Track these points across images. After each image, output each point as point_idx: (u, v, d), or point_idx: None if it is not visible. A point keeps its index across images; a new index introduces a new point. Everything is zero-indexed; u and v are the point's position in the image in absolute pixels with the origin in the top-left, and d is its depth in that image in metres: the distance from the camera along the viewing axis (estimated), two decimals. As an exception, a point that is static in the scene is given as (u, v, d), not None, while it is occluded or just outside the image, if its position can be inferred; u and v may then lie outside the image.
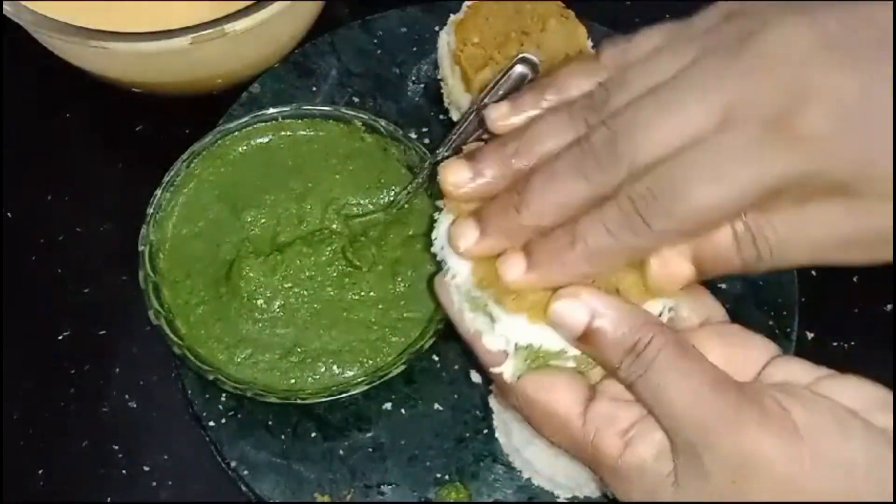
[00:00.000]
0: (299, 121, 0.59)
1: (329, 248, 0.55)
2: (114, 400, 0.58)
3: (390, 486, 0.54)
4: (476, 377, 0.56)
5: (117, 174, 0.66)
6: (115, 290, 0.60)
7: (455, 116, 0.63)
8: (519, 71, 0.51)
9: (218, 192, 0.58)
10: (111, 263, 0.61)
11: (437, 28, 0.66)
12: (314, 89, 0.65)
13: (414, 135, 0.62)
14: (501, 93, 0.52)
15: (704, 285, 0.43)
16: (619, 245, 0.38)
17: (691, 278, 0.39)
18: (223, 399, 0.55)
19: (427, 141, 0.63)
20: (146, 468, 0.56)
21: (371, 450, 0.55)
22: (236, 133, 0.59)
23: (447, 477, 0.54)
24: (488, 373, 0.42)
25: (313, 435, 0.55)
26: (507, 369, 0.41)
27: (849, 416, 0.36)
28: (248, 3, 0.57)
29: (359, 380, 0.53)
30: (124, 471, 0.56)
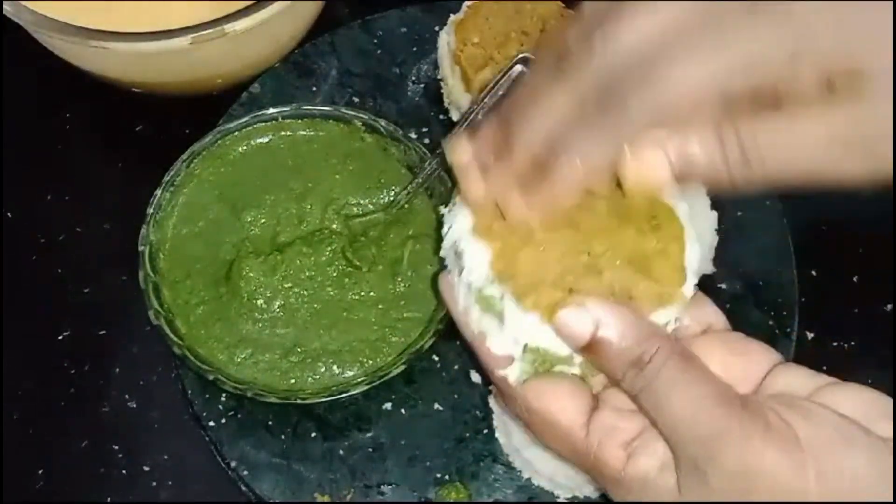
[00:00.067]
0: (299, 121, 0.59)
1: (329, 248, 0.55)
2: (114, 400, 0.58)
3: (390, 486, 0.54)
4: (476, 377, 0.56)
5: (117, 174, 0.66)
6: (115, 290, 0.60)
7: (455, 116, 0.63)
8: (519, 71, 0.51)
9: (218, 192, 0.58)
10: (111, 263, 0.61)
11: (437, 28, 0.66)
12: (314, 89, 0.65)
13: (414, 135, 0.62)
14: (501, 93, 0.52)
15: (704, 288, 0.43)
16: (602, 141, 0.36)
17: (668, 180, 0.37)
18: (223, 399, 0.55)
19: (427, 141, 0.63)
20: (146, 468, 0.56)
21: (371, 450, 0.55)
22: (236, 133, 0.59)
23: (447, 477, 0.54)
24: (490, 376, 0.42)
25: (313, 435, 0.55)
26: (513, 372, 0.41)
27: (852, 427, 0.36)
28: (248, 3, 0.57)
29: (359, 380, 0.53)
30: (124, 471, 0.56)
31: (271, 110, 0.59)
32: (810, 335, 0.59)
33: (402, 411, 0.56)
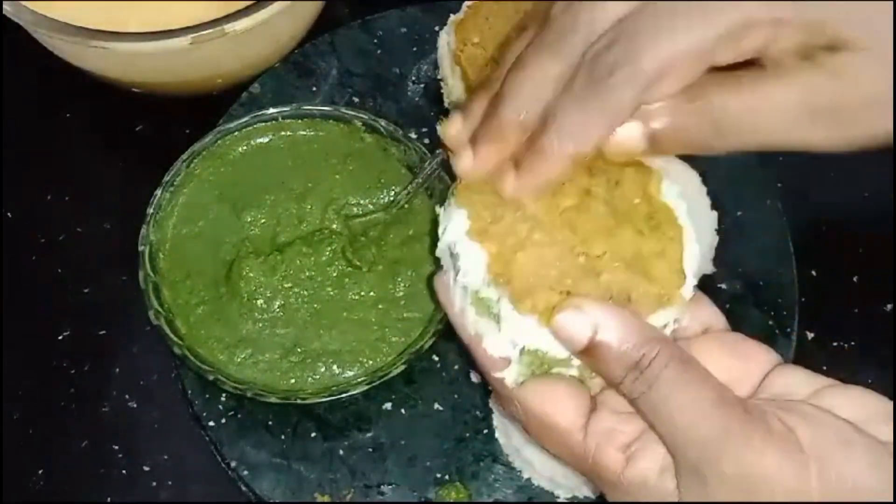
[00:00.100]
0: (299, 121, 0.59)
1: (329, 248, 0.55)
2: (114, 400, 0.58)
3: (390, 486, 0.54)
4: (476, 377, 0.56)
5: (117, 174, 0.66)
6: (115, 290, 0.60)
7: (455, 116, 0.63)
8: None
9: (218, 192, 0.58)
10: (111, 263, 0.61)
11: (437, 28, 0.66)
12: (314, 89, 0.65)
13: (414, 135, 0.62)
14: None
15: (704, 288, 0.43)
16: (590, 111, 0.37)
17: (642, 147, 0.38)
18: (223, 399, 0.55)
19: (427, 141, 0.63)
20: (146, 468, 0.56)
21: (371, 450, 0.55)
22: (236, 133, 0.59)
23: (447, 477, 0.54)
24: (487, 378, 0.42)
25: (313, 435, 0.55)
26: (510, 374, 0.41)
27: (852, 431, 0.36)
28: (248, 3, 0.57)
29: (359, 380, 0.53)
30: (124, 471, 0.56)
31: (271, 110, 0.59)
32: (810, 335, 0.59)
33: (402, 411, 0.56)
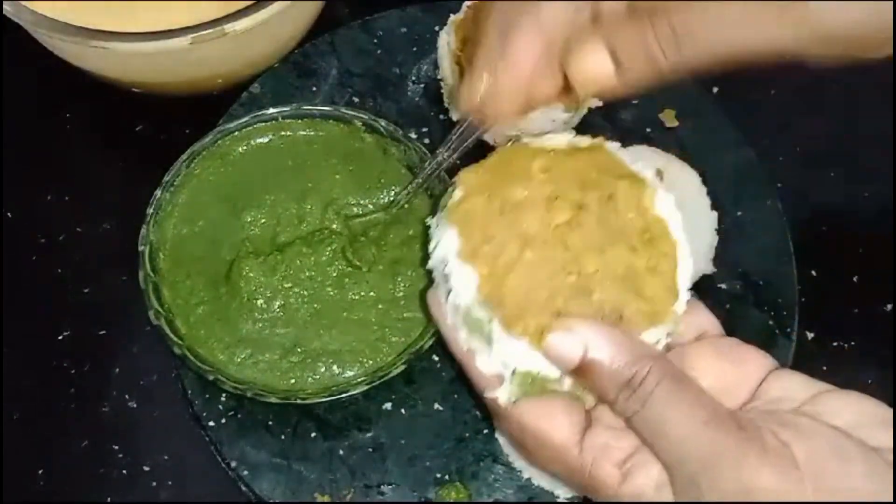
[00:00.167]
0: (299, 121, 0.59)
1: (329, 248, 0.55)
2: (114, 400, 0.58)
3: (390, 486, 0.54)
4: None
5: (117, 174, 0.66)
6: (115, 290, 0.60)
7: (455, 116, 0.63)
8: None
9: (218, 192, 0.58)
10: (111, 263, 0.61)
11: (437, 28, 0.66)
12: (314, 89, 0.65)
13: (414, 135, 0.62)
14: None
15: (704, 288, 0.43)
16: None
17: (612, 77, 0.39)
18: (223, 399, 0.55)
19: (427, 141, 0.63)
20: (146, 468, 0.56)
21: (371, 450, 0.55)
22: (236, 133, 0.59)
23: (447, 477, 0.54)
24: (481, 396, 0.42)
25: (313, 435, 0.55)
26: (503, 394, 0.41)
27: (847, 442, 0.36)
28: (248, 3, 0.57)
29: (359, 380, 0.53)
30: (124, 471, 0.56)
31: (271, 110, 0.59)
32: (810, 335, 0.59)
33: (402, 411, 0.56)
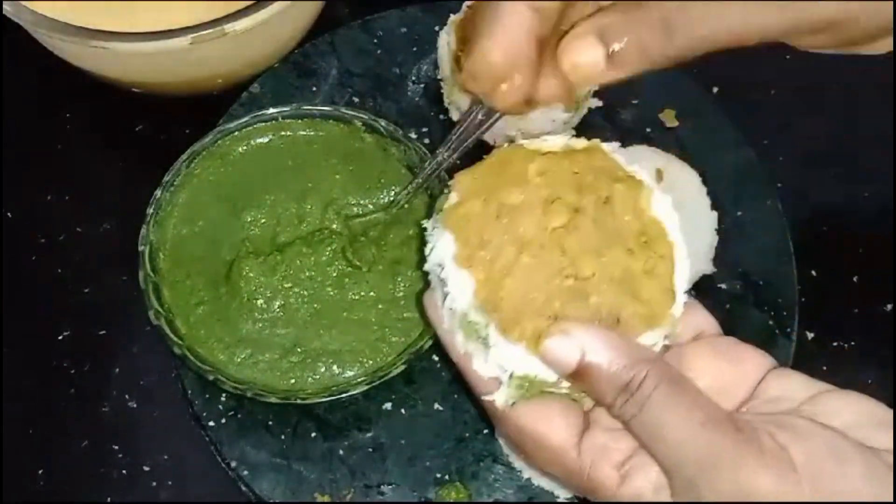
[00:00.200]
0: (299, 121, 0.59)
1: (329, 248, 0.55)
2: (114, 400, 0.58)
3: (390, 486, 0.54)
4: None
5: (117, 174, 0.66)
6: (115, 290, 0.60)
7: (455, 116, 0.63)
8: None
9: (218, 192, 0.58)
10: (111, 263, 0.61)
11: (437, 28, 0.66)
12: (314, 89, 0.65)
13: (414, 135, 0.62)
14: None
15: (704, 288, 0.42)
16: None
17: (603, 66, 0.40)
18: (223, 399, 0.55)
19: (427, 141, 0.63)
20: (146, 468, 0.56)
21: (371, 450, 0.55)
22: (236, 133, 0.59)
23: (447, 477, 0.54)
24: (479, 399, 0.42)
25: (313, 435, 0.55)
26: (500, 397, 0.41)
27: (845, 443, 0.36)
28: (248, 3, 0.57)
29: (359, 380, 0.53)
30: (124, 471, 0.56)
31: (271, 110, 0.59)
32: (810, 335, 0.59)
33: (402, 411, 0.56)
